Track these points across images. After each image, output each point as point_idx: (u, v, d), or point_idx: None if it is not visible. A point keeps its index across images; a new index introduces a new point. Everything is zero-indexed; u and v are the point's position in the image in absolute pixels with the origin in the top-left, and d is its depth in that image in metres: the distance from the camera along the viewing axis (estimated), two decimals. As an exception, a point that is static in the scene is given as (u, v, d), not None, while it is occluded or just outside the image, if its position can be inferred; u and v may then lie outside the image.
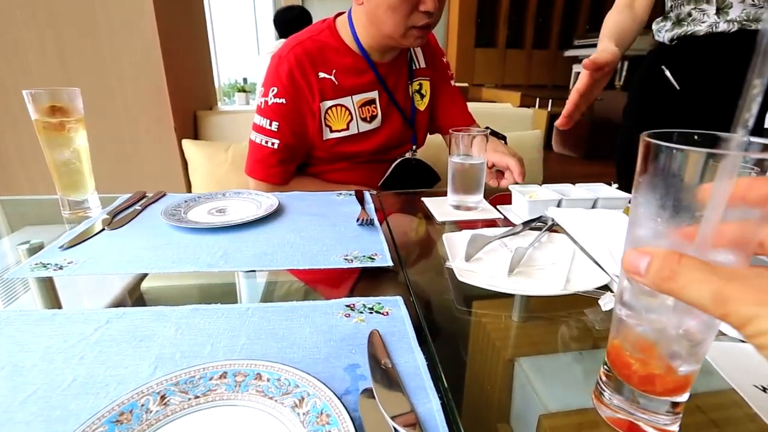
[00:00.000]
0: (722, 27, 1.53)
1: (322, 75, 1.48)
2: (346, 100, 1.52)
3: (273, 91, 1.48)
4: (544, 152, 2.60)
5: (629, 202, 1.19)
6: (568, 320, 0.78)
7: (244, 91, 6.64)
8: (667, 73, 1.69)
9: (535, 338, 0.77)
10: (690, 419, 0.54)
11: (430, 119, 1.77)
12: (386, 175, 1.66)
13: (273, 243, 0.99)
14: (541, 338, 0.77)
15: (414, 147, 1.70)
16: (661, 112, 1.75)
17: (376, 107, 1.57)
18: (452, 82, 1.81)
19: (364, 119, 1.56)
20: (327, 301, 0.76)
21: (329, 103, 1.50)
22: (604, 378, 0.56)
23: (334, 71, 1.50)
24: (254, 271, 0.89)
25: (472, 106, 2.66)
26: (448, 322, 0.80)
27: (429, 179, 1.76)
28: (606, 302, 0.78)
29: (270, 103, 1.48)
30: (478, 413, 0.60)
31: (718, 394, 0.61)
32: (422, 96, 1.69)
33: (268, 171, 1.54)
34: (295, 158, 1.56)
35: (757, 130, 1.75)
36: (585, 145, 7.00)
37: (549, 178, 1.76)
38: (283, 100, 1.47)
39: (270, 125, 1.49)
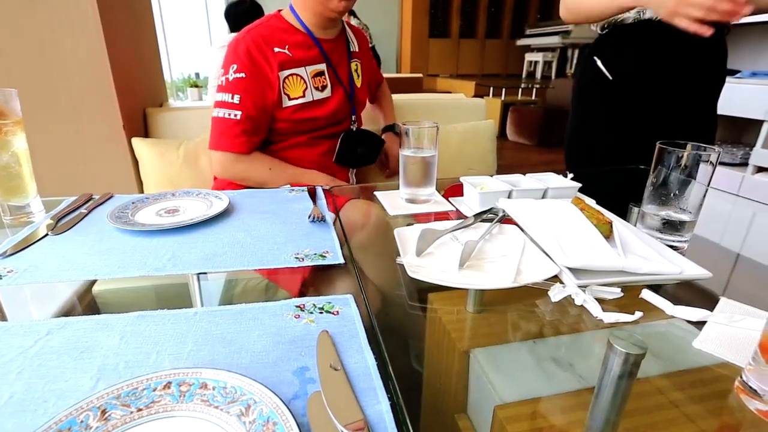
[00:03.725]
0: (648, 14, 1.55)
1: (277, 50, 1.62)
2: (300, 71, 1.66)
3: (233, 67, 1.59)
4: (499, 141, 2.61)
5: (578, 191, 1.20)
6: (521, 311, 0.79)
7: (197, 86, 6.51)
8: (599, 63, 1.70)
9: (488, 330, 0.77)
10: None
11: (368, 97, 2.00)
12: (337, 148, 1.79)
13: (223, 243, 0.97)
14: (494, 329, 0.77)
15: (353, 118, 1.85)
16: (598, 101, 1.76)
17: (325, 78, 1.72)
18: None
19: (316, 88, 1.70)
20: (276, 302, 0.74)
21: (286, 72, 1.63)
22: (753, 372, 0.57)
23: (287, 46, 1.63)
24: (204, 273, 0.87)
25: (426, 96, 2.69)
26: (401, 319, 0.80)
27: (377, 144, 1.94)
28: (555, 293, 0.78)
29: (231, 78, 1.59)
30: (434, 407, 0.60)
31: None
32: (358, 75, 1.87)
33: (232, 141, 1.61)
34: (257, 131, 1.64)
35: (710, 114, 1.75)
36: (538, 133, 7.07)
37: (504, 166, 1.78)
38: (243, 74, 1.58)
39: (232, 98, 1.58)
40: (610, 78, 1.68)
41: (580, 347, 0.73)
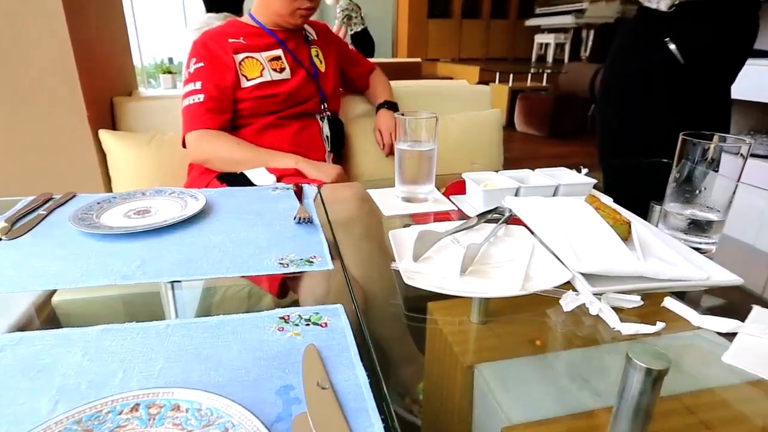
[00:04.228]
0: None
1: (231, 40, 1.90)
2: (256, 55, 1.92)
3: (192, 61, 1.89)
4: (506, 132, 2.61)
5: (593, 188, 1.19)
6: (530, 322, 0.78)
7: (170, 72, 6.46)
8: (672, 46, 1.65)
9: (494, 342, 0.77)
10: None
11: (338, 80, 2.21)
12: (329, 135, 2.06)
13: (199, 247, 0.96)
14: (501, 342, 0.76)
15: (324, 104, 2.08)
16: (658, 87, 1.73)
17: (283, 62, 1.96)
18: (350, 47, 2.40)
19: (274, 70, 1.94)
20: (258, 313, 0.74)
21: (242, 55, 1.90)
22: None
23: (241, 37, 1.92)
24: (177, 281, 0.87)
25: (425, 84, 2.70)
26: (397, 331, 0.79)
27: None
28: (568, 302, 0.78)
29: (192, 70, 1.87)
30: (435, 428, 0.59)
31: None
32: (321, 61, 2.11)
33: (199, 119, 1.82)
34: (222, 109, 1.86)
35: (723, 97, 1.74)
36: (549, 123, 7.05)
37: (512, 160, 1.78)
38: (201, 64, 1.86)
39: (194, 85, 1.84)
40: (682, 61, 1.65)
41: (596, 362, 0.73)
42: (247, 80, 1.89)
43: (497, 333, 0.79)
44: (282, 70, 1.95)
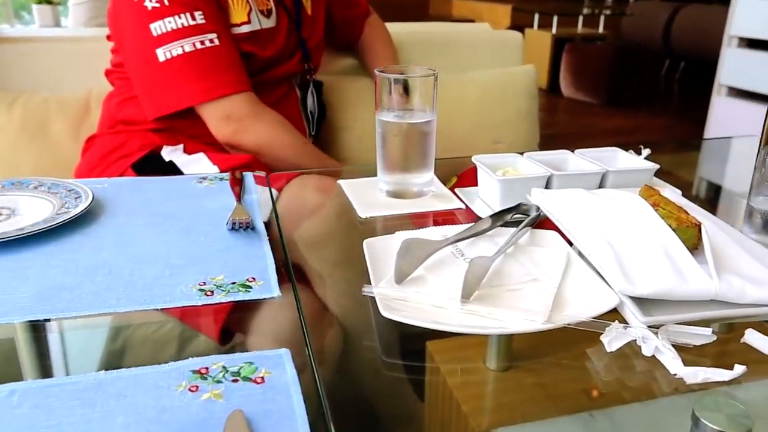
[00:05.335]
0: None
1: None
2: None
3: None
4: (547, 98, 2.61)
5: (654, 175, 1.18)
6: (566, 368, 0.78)
7: (50, 2, 6.40)
8: None
9: (517, 397, 0.76)
10: None
11: (325, 32, 2.12)
12: (311, 110, 2.00)
13: (77, 268, 0.93)
14: (525, 397, 0.76)
15: (308, 64, 1.98)
16: None
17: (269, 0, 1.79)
18: None
19: (261, 12, 1.75)
20: (161, 366, 0.71)
21: None
22: None
23: None
24: (42, 321, 0.83)
25: (433, 27, 2.73)
26: (382, 384, 0.78)
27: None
28: (612, 338, 0.76)
29: None
30: None
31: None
32: None
33: (229, 77, 1.62)
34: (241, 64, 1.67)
35: None
36: (608, 85, 7.04)
37: (554, 138, 1.77)
38: None
39: (190, 18, 1.56)
40: None
41: (655, 421, 0.72)
42: (235, 26, 1.70)
43: (520, 384, 0.78)
44: (269, 12, 1.79)
